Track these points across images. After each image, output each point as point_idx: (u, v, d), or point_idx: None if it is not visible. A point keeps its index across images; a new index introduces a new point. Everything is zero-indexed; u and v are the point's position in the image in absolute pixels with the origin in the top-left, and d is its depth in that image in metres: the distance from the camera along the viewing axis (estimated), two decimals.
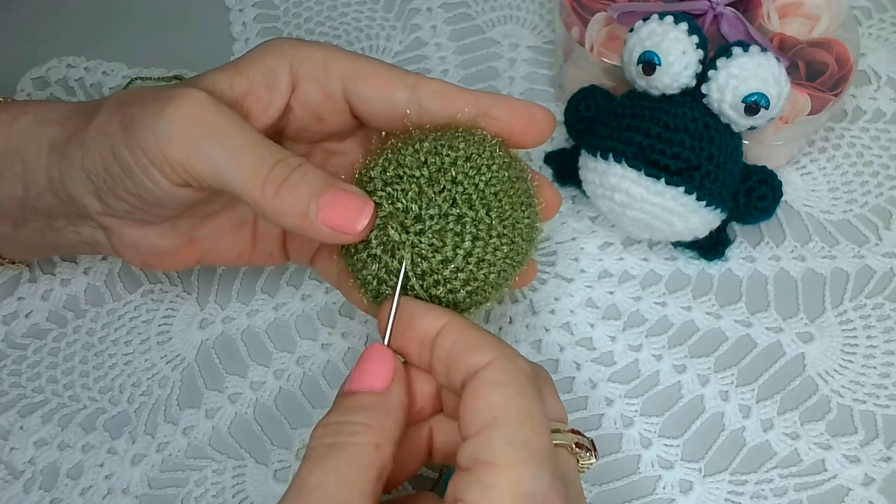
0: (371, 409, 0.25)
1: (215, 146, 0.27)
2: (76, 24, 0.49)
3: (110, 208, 0.30)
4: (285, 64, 0.30)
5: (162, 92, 0.28)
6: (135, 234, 0.31)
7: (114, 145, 0.28)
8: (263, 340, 0.38)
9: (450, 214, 0.26)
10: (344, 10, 0.49)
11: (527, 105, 0.30)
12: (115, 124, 0.28)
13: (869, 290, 0.38)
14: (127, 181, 0.28)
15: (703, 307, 0.38)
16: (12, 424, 0.36)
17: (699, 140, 0.34)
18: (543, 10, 0.49)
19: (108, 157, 0.28)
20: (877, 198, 0.41)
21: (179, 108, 0.27)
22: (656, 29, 0.34)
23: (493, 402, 0.23)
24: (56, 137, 0.30)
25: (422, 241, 0.26)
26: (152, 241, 0.31)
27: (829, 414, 0.35)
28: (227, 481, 0.34)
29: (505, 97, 0.30)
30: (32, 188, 0.31)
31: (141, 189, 0.28)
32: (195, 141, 0.27)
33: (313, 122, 0.31)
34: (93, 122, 0.29)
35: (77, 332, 0.38)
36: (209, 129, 0.27)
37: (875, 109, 0.44)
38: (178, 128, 0.27)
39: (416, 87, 0.29)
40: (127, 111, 0.28)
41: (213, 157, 0.27)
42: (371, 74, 0.30)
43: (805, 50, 0.39)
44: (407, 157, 0.27)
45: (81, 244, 0.33)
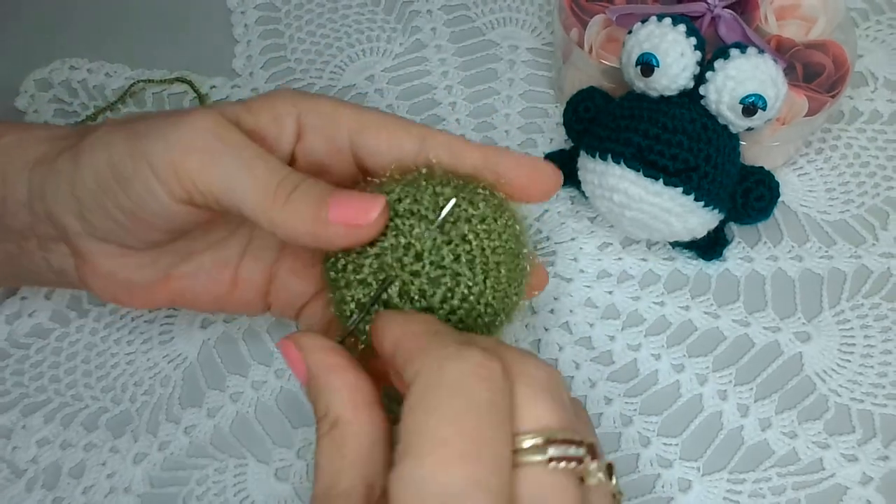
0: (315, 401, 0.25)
1: (227, 157, 0.27)
2: (79, 25, 0.49)
3: (93, 228, 0.29)
4: (293, 113, 0.29)
5: (172, 112, 0.29)
6: (112, 263, 0.30)
7: (112, 156, 0.28)
8: (265, 340, 0.38)
9: (449, 268, 0.26)
10: (345, 12, 0.49)
11: (535, 162, 0.29)
12: (117, 136, 0.28)
13: (866, 289, 0.38)
14: (121, 195, 0.28)
15: (702, 307, 0.38)
16: (15, 423, 0.36)
17: (697, 141, 0.34)
18: (542, 13, 0.49)
19: (104, 169, 0.28)
20: (873, 198, 0.41)
21: (194, 121, 0.27)
22: (654, 31, 0.35)
23: (406, 427, 0.21)
24: (45, 153, 0.30)
25: (413, 283, 0.26)
26: (129, 273, 0.31)
27: (827, 413, 0.35)
28: (228, 480, 0.34)
29: (513, 153, 0.30)
30: (10, 204, 0.30)
31: (136, 204, 0.28)
32: (208, 151, 0.27)
33: (317, 173, 0.30)
34: (88, 137, 0.29)
35: (80, 331, 0.38)
36: (222, 141, 0.27)
37: (872, 111, 0.44)
38: (191, 139, 0.27)
39: (425, 140, 0.29)
40: (132, 126, 0.28)
41: (224, 168, 0.27)
42: (379, 126, 0.29)
43: (802, 52, 0.40)
44: (425, 197, 0.27)
45: (49, 273, 0.32)
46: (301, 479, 0.34)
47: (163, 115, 0.29)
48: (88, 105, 0.45)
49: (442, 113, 0.45)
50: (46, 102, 0.45)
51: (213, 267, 0.32)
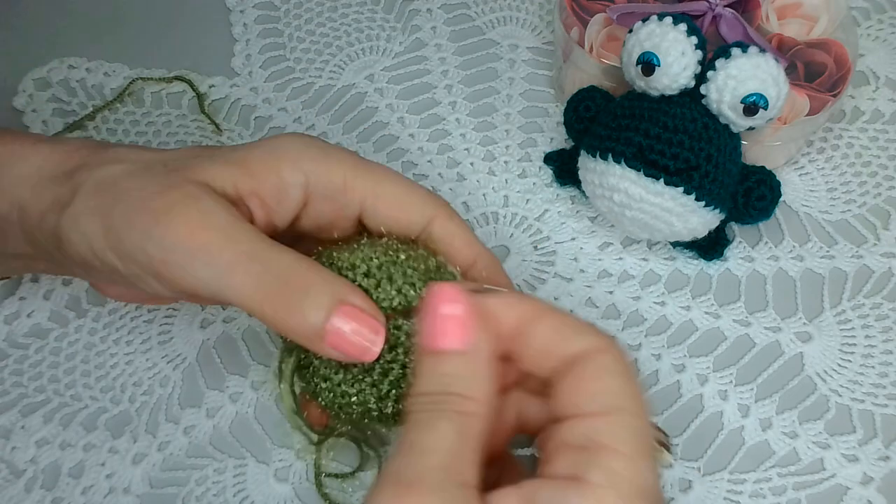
0: (463, 376, 0.23)
1: (209, 265, 0.26)
2: (78, 25, 0.49)
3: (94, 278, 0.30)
4: (301, 181, 0.28)
5: (149, 195, 0.26)
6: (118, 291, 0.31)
7: (94, 247, 0.27)
8: (264, 340, 0.38)
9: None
10: (344, 10, 0.49)
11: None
12: (94, 225, 0.27)
13: (867, 289, 0.38)
14: (115, 275, 0.28)
15: (702, 307, 0.38)
16: (14, 423, 0.36)
17: (698, 140, 0.34)
18: (543, 11, 0.49)
19: (88, 254, 0.27)
20: (875, 198, 0.41)
21: (169, 224, 0.26)
22: (655, 30, 0.34)
23: (613, 387, 0.23)
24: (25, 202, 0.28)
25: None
26: (139, 297, 0.32)
27: (828, 413, 0.35)
28: (228, 480, 0.34)
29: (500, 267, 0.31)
30: (10, 238, 0.30)
31: (130, 285, 0.28)
32: (185, 265, 0.26)
33: (317, 232, 0.30)
34: (65, 212, 0.27)
35: (79, 331, 0.38)
36: (202, 245, 0.26)
37: (873, 110, 0.44)
38: (171, 244, 0.26)
39: (433, 222, 0.29)
40: (109, 212, 0.27)
41: (209, 278, 0.26)
42: (391, 203, 0.29)
43: (803, 51, 0.39)
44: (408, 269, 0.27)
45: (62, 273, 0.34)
46: (301, 479, 0.34)
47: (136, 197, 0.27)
48: (87, 104, 0.45)
49: (442, 112, 0.45)
50: (45, 102, 0.45)
51: None
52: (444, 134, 0.44)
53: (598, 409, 0.23)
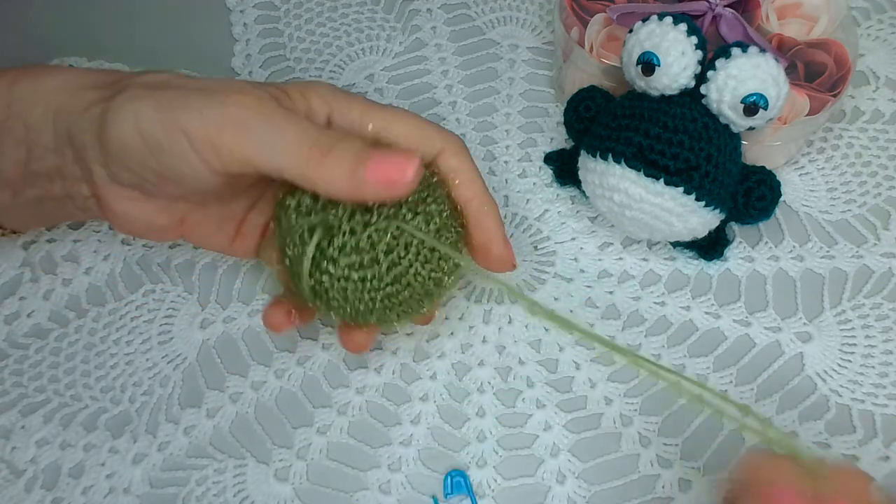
0: None
1: (263, 125, 0.28)
2: (78, 24, 0.49)
3: (117, 177, 0.30)
4: (325, 111, 0.31)
5: (200, 80, 0.30)
6: (130, 208, 0.32)
7: (141, 124, 0.28)
8: (264, 340, 0.38)
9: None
10: (345, 10, 0.49)
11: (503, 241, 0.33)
12: (146, 103, 0.29)
13: (867, 290, 0.38)
14: (152, 160, 0.29)
15: (702, 307, 0.38)
16: (14, 424, 0.36)
17: (698, 140, 0.34)
18: (543, 11, 0.49)
19: (133, 135, 0.29)
20: (875, 198, 0.41)
21: (229, 96, 0.28)
22: (655, 30, 0.34)
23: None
24: (63, 105, 0.31)
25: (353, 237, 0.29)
26: (145, 218, 0.32)
27: (828, 413, 0.35)
28: (228, 480, 0.34)
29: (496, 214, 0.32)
30: (36, 150, 0.31)
31: (168, 169, 0.29)
32: (244, 123, 0.28)
33: None
34: (116, 98, 0.29)
35: (78, 331, 0.38)
36: (257, 112, 0.28)
37: (873, 110, 0.44)
38: (227, 112, 0.28)
39: (441, 155, 0.32)
40: (162, 95, 0.29)
41: (260, 137, 0.28)
42: (403, 133, 0.31)
43: (804, 51, 0.39)
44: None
45: (75, 210, 0.34)
46: (301, 479, 0.34)
47: (194, 85, 0.30)
48: None
49: (442, 112, 0.45)
50: None
51: (222, 219, 0.34)
52: None
53: None
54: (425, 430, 0.35)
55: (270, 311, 0.33)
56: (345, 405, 0.36)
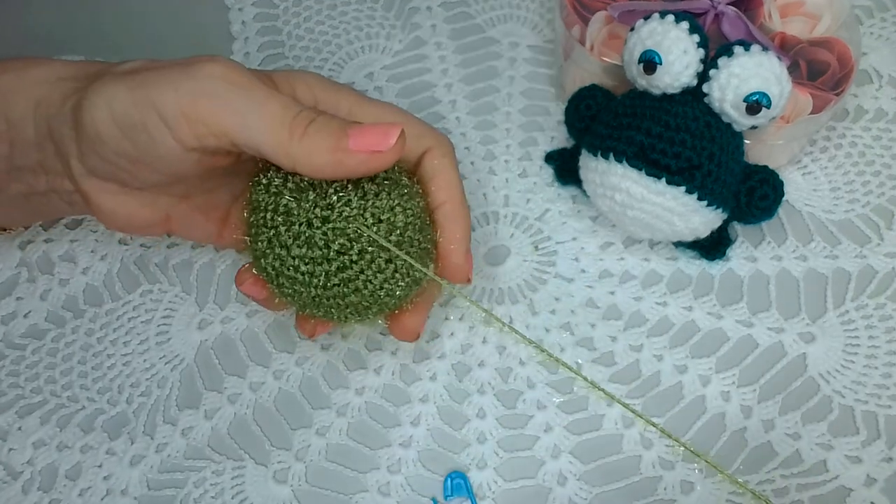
0: None
1: (240, 98, 0.28)
2: (77, 22, 0.49)
3: (94, 169, 0.30)
4: (310, 100, 0.31)
5: (180, 60, 0.29)
6: (113, 201, 0.31)
7: (114, 107, 0.28)
8: (262, 341, 0.38)
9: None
10: (344, 8, 0.49)
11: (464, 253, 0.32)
12: (120, 86, 0.28)
13: (871, 290, 0.38)
14: (124, 143, 0.28)
15: (705, 307, 0.38)
16: (10, 425, 0.35)
17: (700, 139, 0.34)
18: (544, 9, 0.48)
19: (106, 120, 0.28)
20: (879, 197, 0.41)
21: (203, 67, 0.28)
22: (657, 28, 0.34)
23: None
24: (43, 96, 0.30)
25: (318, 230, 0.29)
26: (129, 211, 0.32)
27: (831, 414, 0.35)
28: (226, 482, 0.34)
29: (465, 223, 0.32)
30: (19, 144, 0.31)
31: (142, 151, 0.28)
32: (219, 94, 0.28)
33: None
34: (91, 86, 0.29)
35: (75, 332, 0.38)
36: (233, 83, 0.28)
37: (877, 109, 0.44)
38: (202, 84, 0.28)
39: (426, 155, 0.31)
40: (138, 76, 0.29)
41: (237, 109, 0.27)
42: None
43: (806, 49, 0.39)
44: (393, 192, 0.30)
45: (61, 204, 0.33)
46: (300, 481, 0.34)
47: (170, 62, 0.29)
48: None
49: (442, 111, 0.45)
50: None
51: (208, 209, 0.34)
52: (444, 132, 0.44)
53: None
54: (425, 432, 0.35)
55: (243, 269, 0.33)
56: (344, 406, 0.36)
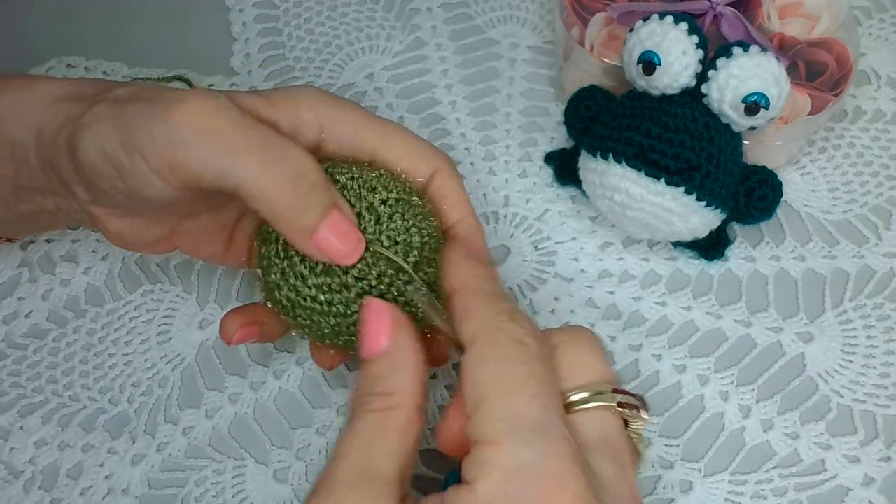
0: (385, 375, 0.25)
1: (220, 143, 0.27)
2: (76, 23, 0.49)
3: (97, 199, 0.30)
4: (315, 124, 0.30)
5: (166, 94, 0.28)
6: (120, 223, 0.31)
7: (104, 146, 0.28)
8: None
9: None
10: (344, 10, 0.49)
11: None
12: (106, 125, 0.28)
13: (869, 290, 0.38)
14: (118, 181, 0.28)
15: (703, 307, 0.38)
16: (12, 424, 0.36)
17: (699, 140, 0.34)
18: (543, 10, 0.49)
19: (98, 158, 0.28)
20: (877, 198, 0.41)
21: (177, 110, 0.27)
22: (656, 29, 0.34)
23: (477, 380, 0.23)
24: (41, 124, 0.30)
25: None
26: (136, 231, 0.32)
27: (829, 414, 0.35)
28: (227, 481, 0.34)
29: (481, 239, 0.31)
30: (24, 168, 0.31)
31: (134, 188, 0.28)
32: (192, 144, 0.27)
33: None
34: (82, 119, 0.28)
35: (77, 332, 0.38)
36: (207, 129, 0.27)
37: (875, 109, 0.44)
38: (177, 134, 0.27)
39: (435, 175, 0.31)
40: (123, 111, 0.28)
41: (211, 159, 0.27)
42: (400, 152, 0.31)
43: (805, 50, 0.39)
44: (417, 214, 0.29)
45: (70, 221, 0.34)
46: (300, 480, 0.34)
47: (154, 96, 0.28)
48: None
49: (442, 111, 0.45)
50: None
51: (214, 228, 0.33)
52: (444, 133, 0.44)
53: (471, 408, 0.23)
54: (426, 431, 0.35)
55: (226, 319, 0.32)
56: (344, 406, 0.36)
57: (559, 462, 0.22)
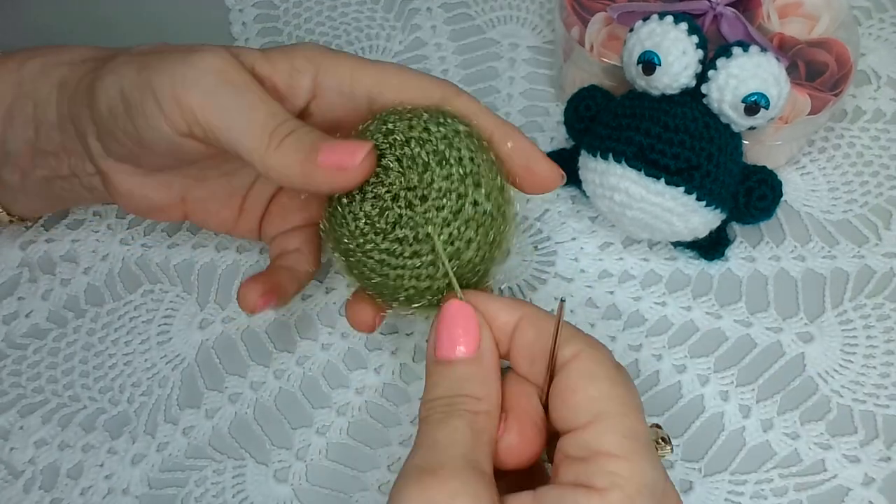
0: (472, 380, 0.26)
1: (230, 97, 0.28)
2: (75, 23, 0.49)
3: (109, 150, 0.31)
4: (311, 71, 0.30)
5: (186, 46, 0.30)
6: (130, 182, 0.32)
7: (123, 86, 0.29)
8: (263, 340, 0.38)
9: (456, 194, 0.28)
10: (344, 10, 0.49)
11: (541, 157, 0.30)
12: (131, 66, 0.29)
13: (869, 290, 0.38)
14: (128, 123, 0.29)
15: (703, 307, 0.38)
16: (12, 424, 0.36)
17: (699, 140, 0.34)
18: (543, 10, 0.49)
19: (115, 97, 0.29)
20: (877, 198, 0.41)
21: (203, 58, 0.28)
22: (656, 29, 0.34)
23: (591, 394, 0.24)
24: (66, 77, 0.31)
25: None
26: (146, 193, 0.32)
27: (829, 414, 0.35)
28: (227, 481, 0.34)
29: (525, 139, 0.30)
30: (43, 128, 0.32)
31: (141, 132, 0.29)
32: (211, 89, 0.28)
33: (329, 129, 0.31)
34: (107, 65, 0.30)
35: (77, 332, 0.38)
36: (227, 81, 0.28)
37: (875, 109, 0.44)
38: (197, 75, 0.28)
39: (444, 103, 0.30)
40: (146, 58, 0.29)
41: (225, 107, 0.28)
42: (399, 88, 0.30)
43: (805, 50, 0.39)
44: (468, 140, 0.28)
45: (82, 190, 0.34)
46: (300, 480, 0.34)
47: (175, 49, 0.30)
48: None
49: None
50: None
51: (224, 195, 0.34)
52: None
53: (585, 420, 0.24)
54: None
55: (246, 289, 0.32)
56: (344, 405, 0.36)
57: (670, 485, 0.24)
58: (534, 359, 0.26)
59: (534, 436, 0.26)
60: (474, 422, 0.25)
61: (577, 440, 0.24)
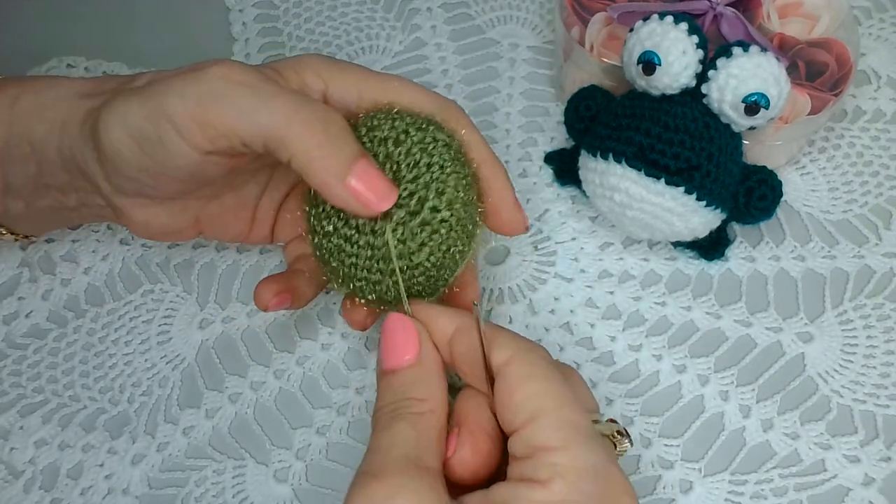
0: (415, 383, 0.27)
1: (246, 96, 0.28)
2: (76, 23, 0.49)
3: (121, 188, 0.30)
4: (320, 87, 0.31)
5: (187, 66, 0.29)
6: (144, 214, 0.32)
7: (129, 125, 0.28)
8: (263, 340, 0.38)
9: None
10: (344, 10, 0.49)
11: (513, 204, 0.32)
12: (133, 103, 0.29)
13: (869, 290, 0.38)
14: (145, 159, 0.29)
15: (703, 307, 0.38)
16: (12, 424, 0.36)
17: (699, 140, 0.34)
18: (543, 10, 0.49)
19: (123, 139, 0.29)
20: (877, 198, 0.41)
21: (206, 71, 0.28)
22: (656, 29, 0.34)
23: (528, 394, 0.25)
24: (66, 117, 0.31)
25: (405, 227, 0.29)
26: (161, 221, 0.32)
27: (829, 414, 0.35)
28: (227, 481, 0.34)
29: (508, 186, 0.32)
30: (46, 166, 0.32)
31: (161, 163, 0.29)
32: (225, 95, 0.28)
33: None
34: (106, 107, 0.29)
35: (77, 332, 0.38)
36: (238, 83, 0.28)
37: (875, 109, 0.44)
38: (207, 87, 0.28)
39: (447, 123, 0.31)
40: (147, 89, 0.29)
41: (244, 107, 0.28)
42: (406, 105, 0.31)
43: (805, 50, 0.39)
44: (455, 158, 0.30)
45: (91, 217, 0.34)
46: (300, 480, 0.34)
47: (177, 71, 0.29)
48: None
49: None
50: None
51: (236, 207, 0.34)
52: None
53: (524, 419, 0.25)
54: None
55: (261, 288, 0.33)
56: (344, 405, 0.36)
57: (615, 468, 0.25)
58: (473, 366, 0.27)
59: (489, 447, 0.26)
60: (417, 422, 0.26)
61: (519, 439, 0.25)
